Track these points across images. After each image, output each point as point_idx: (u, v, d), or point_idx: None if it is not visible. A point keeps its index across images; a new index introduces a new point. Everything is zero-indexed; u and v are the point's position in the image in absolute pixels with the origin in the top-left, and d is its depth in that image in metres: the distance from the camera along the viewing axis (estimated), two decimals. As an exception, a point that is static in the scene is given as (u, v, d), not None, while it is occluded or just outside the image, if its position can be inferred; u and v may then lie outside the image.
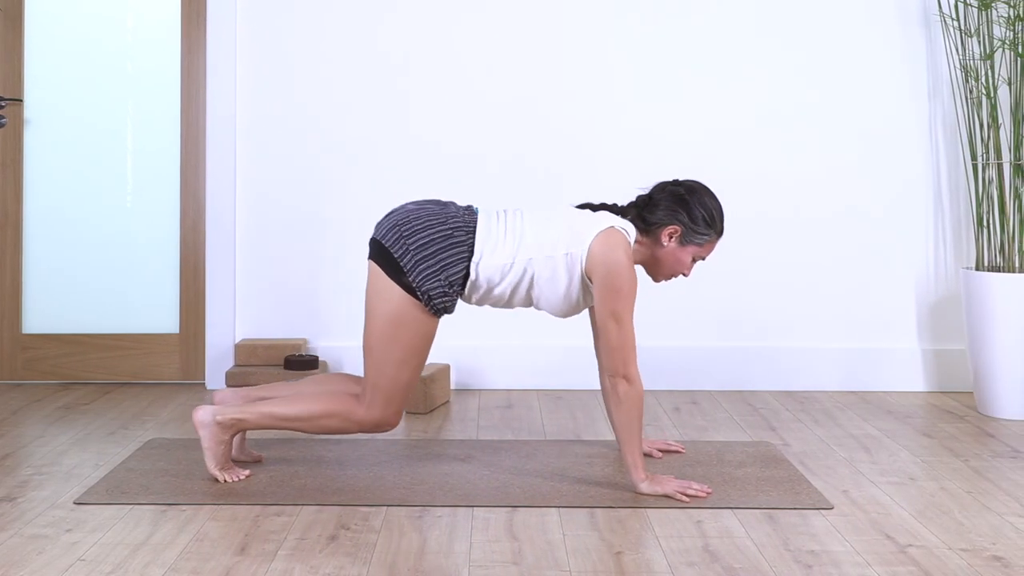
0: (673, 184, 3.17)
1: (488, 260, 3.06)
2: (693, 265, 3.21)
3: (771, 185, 4.53)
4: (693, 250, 3.15)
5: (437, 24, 4.54)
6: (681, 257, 3.15)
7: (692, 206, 3.12)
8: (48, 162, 4.58)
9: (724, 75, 4.55)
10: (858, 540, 2.71)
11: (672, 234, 3.13)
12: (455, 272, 3.05)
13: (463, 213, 3.11)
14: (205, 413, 3.10)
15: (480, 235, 3.07)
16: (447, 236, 3.05)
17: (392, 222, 3.09)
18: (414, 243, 3.04)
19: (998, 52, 4.41)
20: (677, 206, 3.12)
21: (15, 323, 4.57)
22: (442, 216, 3.08)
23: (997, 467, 3.39)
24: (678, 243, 3.14)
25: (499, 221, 3.11)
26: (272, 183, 4.55)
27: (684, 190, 3.14)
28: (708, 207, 3.13)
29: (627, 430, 3.03)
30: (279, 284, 4.56)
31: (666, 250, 3.15)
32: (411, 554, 2.59)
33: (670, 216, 3.12)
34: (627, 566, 2.52)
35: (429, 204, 3.13)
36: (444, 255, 3.04)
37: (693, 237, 3.13)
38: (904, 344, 4.58)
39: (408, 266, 3.03)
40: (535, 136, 4.54)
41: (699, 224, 3.12)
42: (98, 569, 2.49)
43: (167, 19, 4.58)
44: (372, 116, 4.54)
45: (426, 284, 3.03)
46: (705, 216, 3.12)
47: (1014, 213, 4.18)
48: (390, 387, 3.08)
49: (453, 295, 3.07)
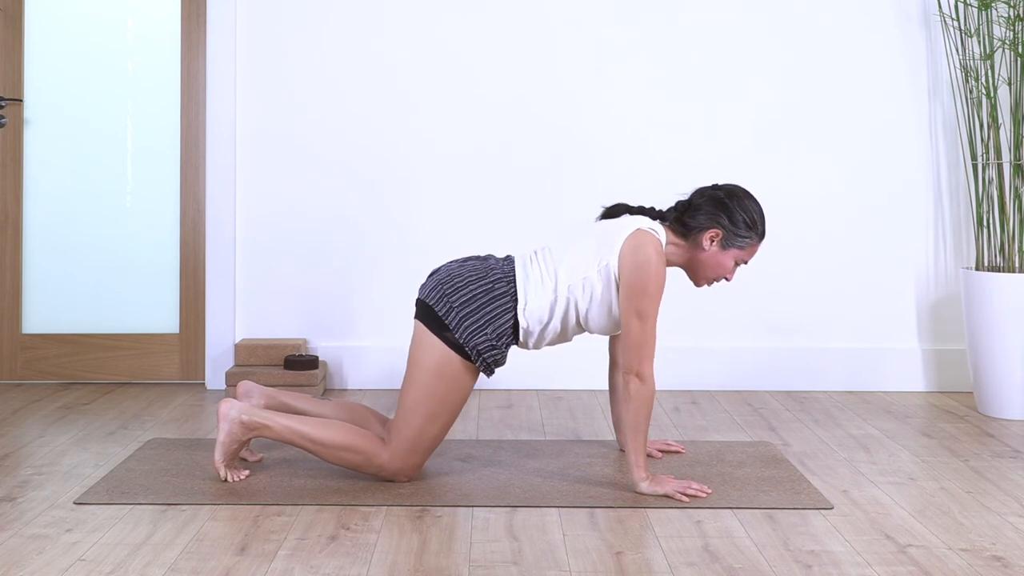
0: (713, 188, 3.18)
1: (533, 303, 3.09)
2: (735, 269, 3.22)
3: (771, 185, 4.53)
4: (735, 253, 3.16)
5: (437, 24, 4.54)
6: (723, 261, 3.16)
7: (733, 209, 3.12)
8: (48, 162, 4.58)
9: (724, 77, 4.54)
10: (858, 540, 2.71)
11: (713, 238, 3.13)
12: (503, 323, 3.07)
13: (502, 264, 3.14)
14: (231, 408, 3.09)
15: (519, 281, 3.10)
16: (489, 289, 3.08)
17: (435, 281, 3.12)
18: (458, 300, 3.06)
19: (998, 52, 4.41)
20: (718, 210, 3.12)
21: (15, 323, 4.57)
22: (482, 271, 3.11)
23: (997, 467, 3.39)
24: (720, 247, 3.14)
25: (533, 263, 3.14)
26: (272, 183, 4.55)
27: (724, 194, 3.14)
28: (749, 210, 3.13)
29: (633, 428, 3.03)
30: (279, 284, 4.56)
31: (708, 254, 3.15)
32: (411, 554, 2.59)
33: (711, 220, 3.12)
34: (627, 566, 2.52)
35: (471, 260, 3.17)
36: (488, 308, 3.07)
37: (735, 240, 3.13)
38: (904, 344, 4.58)
39: (453, 323, 3.05)
40: (536, 137, 4.54)
41: (740, 227, 3.12)
42: (98, 569, 2.49)
43: (167, 19, 4.58)
44: (372, 116, 4.54)
45: (473, 339, 3.05)
46: (746, 219, 3.12)
47: (1014, 213, 4.18)
48: (415, 438, 3.09)
49: (502, 347, 3.10)
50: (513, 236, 4.52)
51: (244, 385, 3.30)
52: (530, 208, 4.54)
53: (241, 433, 3.09)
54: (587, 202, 4.50)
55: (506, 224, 4.54)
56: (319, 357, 4.55)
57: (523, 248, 4.40)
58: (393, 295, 4.54)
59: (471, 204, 4.54)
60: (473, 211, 4.54)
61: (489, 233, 4.53)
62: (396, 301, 4.53)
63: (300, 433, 3.09)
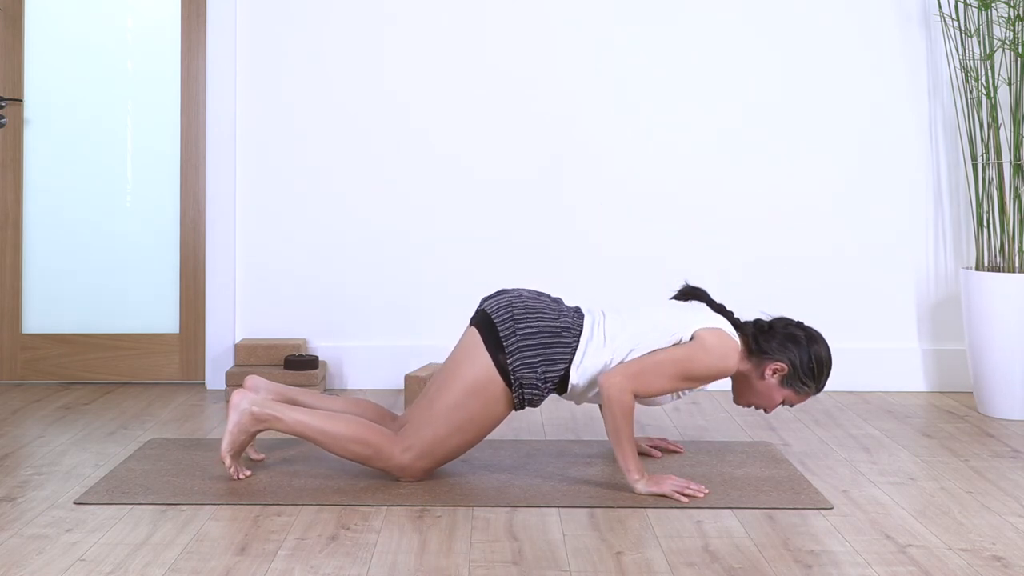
0: (797, 325, 3.18)
1: (588, 363, 3.08)
2: (777, 406, 3.21)
3: (771, 185, 4.53)
4: (788, 394, 3.17)
5: (437, 24, 4.54)
6: (774, 396, 3.17)
7: (806, 351, 3.13)
8: (48, 162, 4.59)
9: (723, 76, 4.55)
10: (858, 540, 2.71)
11: (777, 371, 3.14)
12: (553, 370, 3.07)
13: (573, 314, 3.14)
14: (243, 399, 3.09)
15: (583, 339, 3.09)
16: (556, 333, 3.08)
17: (506, 301, 3.12)
18: (524, 328, 3.06)
19: (998, 52, 4.41)
20: (792, 345, 3.13)
21: (15, 323, 4.57)
22: (555, 312, 3.11)
23: (997, 467, 3.39)
24: (779, 381, 3.15)
25: (599, 326, 3.13)
26: (272, 183, 4.55)
27: (805, 335, 3.15)
28: (820, 359, 3.14)
29: (614, 434, 3.03)
30: (279, 284, 4.57)
31: (765, 383, 3.16)
32: (411, 554, 2.59)
33: (782, 351, 3.13)
34: (627, 566, 2.52)
35: (544, 297, 3.17)
36: (548, 351, 3.06)
37: (795, 383, 3.14)
38: (904, 344, 4.58)
39: (511, 348, 3.05)
40: (537, 137, 4.54)
41: (804, 372, 3.13)
42: (98, 569, 2.49)
43: (167, 19, 4.58)
44: (372, 116, 4.54)
45: (522, 371, 3.05)
46: (815, 368, 3.13)
47: (1014, 213, 4.18)
48: (434, 443, 3.09)
49: (544, 391, 3.09)
50: (514, 235, 4.52)
51: (251, 380, 3.29)
52: (531, 207, 4.54)
53: (250, 424, 3.09)
54: (588, 202, 4.50)
55: (507, 223, 4.54)
56: (319, 357, 4.55)
57: (523, 250, 4.40)
58: (393, 295, 4.54)
59: (472, 203, 4.54)
60: (474, 210, 4.54)
61: (490, 232, 4.53)
62: (397, 301, 4.53)
63: (310, 426, 3.08)
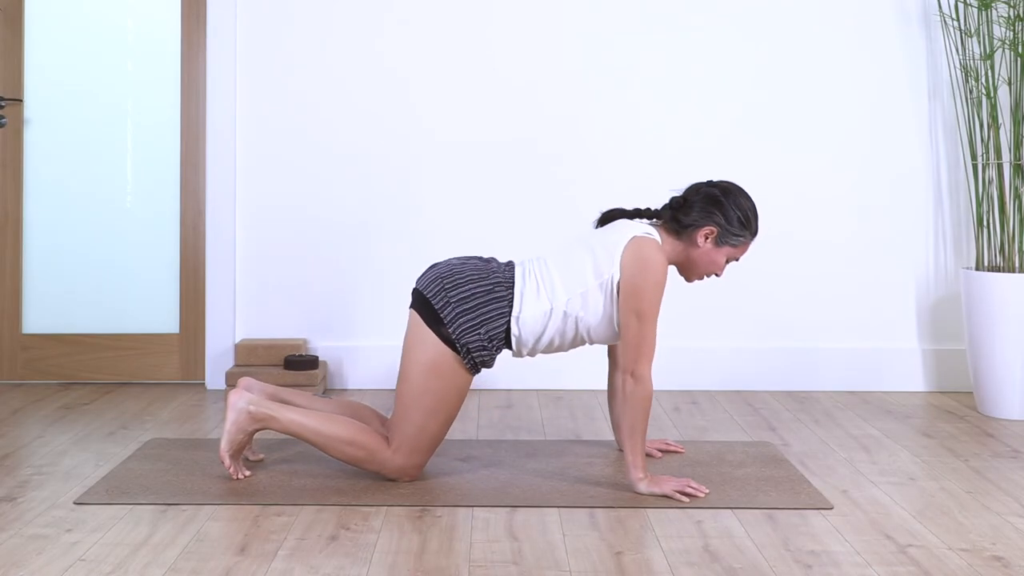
0: (708, 185, 3.18)
1: (527, 313, 3.09)
2: (727, 265, 3.22)
3: (771, 185, 4.53)
4: (728, 251, 3.17)
5: (437, 24, 4.54)
6: (715, 258, 3.16)
7: (727, 207, 3.12)
8: (48, 162, 4.58)
9: (723, 76, 4.54)
10: (858, 540, 2.71)
11: (708, 235, 3.13)
12: (496, 327, 3.08)
13: (503, 269, 3.15)
14: (240, 398, 3.12)
15: (517, 289, 3.10)
16: (488, 291, 3.09)
17: (435, 274, 3.13)
18: (456, 296, 3.07)
19: (998, 52, 4.41)
20: (712, 207, 3.12)
21: (15, 323, 4.57)
22: (484, 271, 3.12)
23: (997, 467, 3.39)
24: (713, 244, 3.15)
25: (531, 273, 3.14)
26: (272, 183, 4.55)
27: (719, 191, 3.14)
28: (743, 208, 3.13)
29: (630, 429, 3.03)
30: (279, 284, 4.56)
31: (701, 251, 3.15)
32: (411, 554, 2.59)
33: (705, 217, 3.12)
34: (627, 566, 2.52)
35: (472, 260, 3.18)
36: (484, 309, 3.07)
37: (729, 238, 3.14)
38: (904, 344, 4.58)
39: (448, 317, 3.06)
40: (539, 133, 4.54)
41: (735, 225, 3.12)
42: (98, 569, 2.49)
43: (167, 20, 4.58)
44: (372, 116, 4.54)
45: (465, 337, 3.06)
46: (740, 217, 3.13)
47: (1014, 213, 4.18)
48: (417, 435, 3.10)
49: (492, 350, 3.10)
50: (515, 235, 4.52)
51: (245, 381, 3.30)
52: (532, 207, 4.54)
53: (248, 423, 3.10)
54: (589, 200, 4.50)
55: (508, 223, 4.53)
56: (319, 357, 4.55)
57: (523, 251, 4.40)
58: (393, 295, 4.54)
59: (473, 203, 4.54)
60: (475, 210, 4.54)
61: (491, 232, 4.53)
62: (396, 301, 4.53)
63: (305, 426, 3.10)
